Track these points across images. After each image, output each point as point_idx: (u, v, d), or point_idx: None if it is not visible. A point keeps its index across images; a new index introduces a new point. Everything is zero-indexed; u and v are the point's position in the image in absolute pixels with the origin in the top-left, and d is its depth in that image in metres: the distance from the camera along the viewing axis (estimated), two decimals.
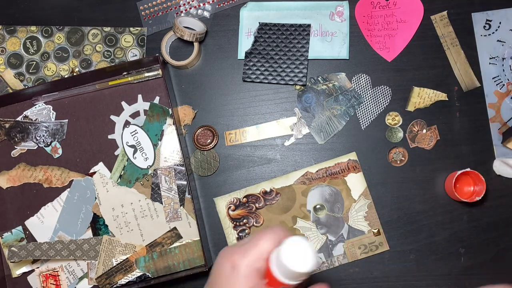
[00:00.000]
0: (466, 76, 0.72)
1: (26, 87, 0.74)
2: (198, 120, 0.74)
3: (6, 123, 0.74)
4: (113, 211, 0.72)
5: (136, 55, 0.75)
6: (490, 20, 0.72)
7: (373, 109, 0.73)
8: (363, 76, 0.73)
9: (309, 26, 0.74)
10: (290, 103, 0.74)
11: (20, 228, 0.72)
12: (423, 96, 0.72)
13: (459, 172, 0.67)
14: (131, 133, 0.73)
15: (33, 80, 0.76)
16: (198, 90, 0.75)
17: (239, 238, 0.71)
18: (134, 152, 0.73)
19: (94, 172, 0.72)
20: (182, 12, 0.76)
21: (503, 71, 0.72)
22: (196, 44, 0.73)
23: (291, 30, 0.74)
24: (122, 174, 0.72)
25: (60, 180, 0.73)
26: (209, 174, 0.73)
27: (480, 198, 0.66)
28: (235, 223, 0.72)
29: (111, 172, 0.72)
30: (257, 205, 0.72)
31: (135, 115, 0.73)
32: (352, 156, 0.72)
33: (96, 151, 0.73)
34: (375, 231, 0.70)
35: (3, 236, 0.72)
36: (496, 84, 0.72)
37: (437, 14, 0.73)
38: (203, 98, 0.74)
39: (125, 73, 0.73)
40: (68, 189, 0.72)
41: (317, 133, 0.73)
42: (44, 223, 0.72)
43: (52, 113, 0.74)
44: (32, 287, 0.72)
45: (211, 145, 0.73)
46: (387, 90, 0.73)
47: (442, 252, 0.70)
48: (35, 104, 0.74)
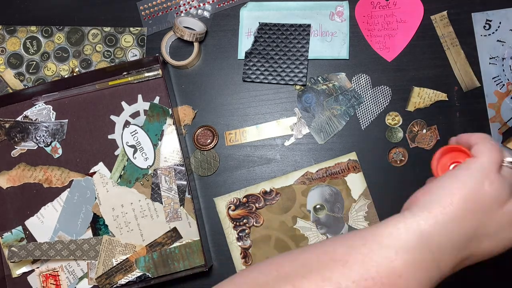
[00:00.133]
0: (466, 76, 0.72)
1: (26, 87, 0.74)
2: (198, 120, 0.74)
3: (6, 123, 0.74)
4: (113, 211, 0.72)
5: (136, 55, 0.75)
6: (490, 20, 0.72)
7: (373, 109, 0.73)
8: (363, 76, 0.73)
9: (309, 26, 0.74)
10: (290, 103, 0.74)
11: (20, 228, 0.72)
12: (423, 96, 0.72)
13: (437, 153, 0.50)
14: (131, 133, 0.73)
15: (33, 80, 0.76)
16: (198, 90, 0.75)
17: (239, 238, 0.71)
18: (134, 152, 0.73)
19: (94, 172, 0.72)
20: (182, 12, 0.76)
21: (503, 71, 0.72)
22: (196, 44, 0.73)
23: (291, 30, 0.73)
24: (122, 174, 0.72)
25: (60, 180, 0.73)
26: (209, 174, 0.73)
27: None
28: (235, 223, 0.72)
29: (111, 172, 0.72)
30: (257, 205, 0.72)
31: (135, 115, 0.73)
32: (352, 156, 0.72)
33: (96, 151, 0.73)
34: None
35: (3, 236, 0.72)
36: (496, 84, 0.72)
37: (437, 14, 0.73)
38: (203, 98, 0.74)
39: (125, 73, 0.73)
40: (68, 189, 0.72)
41: (317, 133, 0.73)
42: (44, 223, 0.72)
43: (52, 113, 0.74)
44: (32, 287, 0.72)
45: (211, 145, 0.73)
46: (387, 90, 0.73)
47: None
48: (35, 104, 0.74)
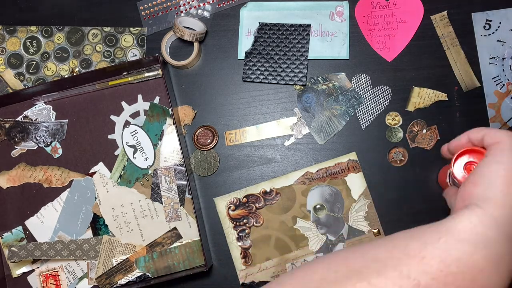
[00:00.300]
0: (466, 76, 0.72)
1: (26, 87, 0.74)
2: (198, 120, 0.74)
3: (6, 123, 0.74)
4: (113, 211, 0.72)
5: (136, 55, 0.75)
6: (490, 20, 0.72)
7: (373, 109, 0.73)
8: (363, 76, 0.73)
9: (309, 26, 0.74)
10: (290, 103, 0.74)
11: (20, 228, 0.72)
12: (423, 96, 0.72)
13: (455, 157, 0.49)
14: (131, 133, 0.73)
15: (33, 80, 0.76)
16: (198, 90, 0.75)
17: (239, 238, 0.71)
18: (134, 152, 0.73)
19: (94, 172, 0.72)
20: (182, 12, 0.76)
21: (503, 71, 0.72)
22: (196, 44, 0.73)
23: (291, 30, 0.73)
24: (122, 174, 0.72)
25: (60, 180, 0.73)
26: (209, 174, 0.73)
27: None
28: (235, 223, 0.72)
29: (111, 172, 0.72)
30: (257, 205, 0.72)
31: (135, 115, 0.73)
32: (352, 156, 0.72)
33: (96, 151, 0.73)
34: (375, 231, 0.70)
35: (3, 236, 0.72)
36: (496, 84, 0.72)
37: (437, 14, 0.73)
38: (203, 98, 0.74)
39: (125, 73, 0.73)
40: (68, 189, 0.72)
41: (317, 133, 0.73)
42: (44, 223, 0.72)
43: (52, 113, 0.74)
44: (32, 287, 0.72)
45: (211, 145, 0.73)
46: (387, 90, 0.73)
47: None
48: (35, 104, 0.74)
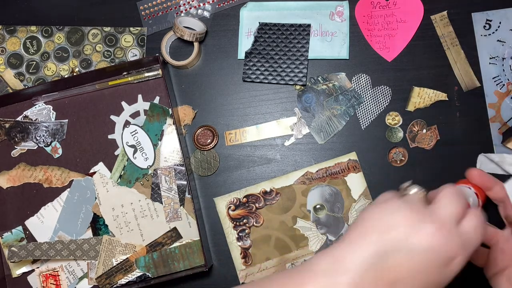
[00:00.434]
0: (466, 76, 0.72)
1: (26, 87, 0.74)
2: (198, 120, 0.74)
3: (6, 123, 0.74)
4: (113, 211, 0.72)
5: (136, 55, 0.75)
6: (490, 20, 0.72)
7: (373, 109, 0.73)
8: (363, 76, 0.73)
9: (309, 26, 0.74)
10: (290, 103, 0.74)
11: (20, 228, 0.72)
12: (423, 96, 0.72)
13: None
14: (131, 133, 0.73)
15: (33, 80, 0.76)
16: (198, 90, 0.75)
17: (239, 238, 0.71)
18: (134, 152, 0.73)
19: (94, 172, 0.72)
20: (182, 12, 0.76)
21: (503, 71, 0.72)
22: (196, 44, 0.73)
23: (291, 30, 0.73)
24: (122, 174, 0.72)
25: (60, 180, 0.73)
26: (209, 174, 0.73)
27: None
28: (235, 223, 0.72)
29: (111, 172, 0.72)
30: (257, 205, 0.72)
31: (135, 115, 0.73)
32: (352, 156, 0.72)
33: (96, 151, 0.73)
34: None
35: (3, 236, 0.72)
36: (496, 84, 0.72)
37: (437, 14, 0.73)
38: (203, 98, 0.74)
39: (125, 73, 0.73)
40: (68, 189, 0.72)
41: (317, 133, 0.73)
42: (44, 223, 0.72)
43: (52, 113, 0.74)
44: (32, 287, 0.72)
45: (211, 145, 0.73)
46: (387, 90, 0.73)
47: None
48: (35, 104, 0.74)
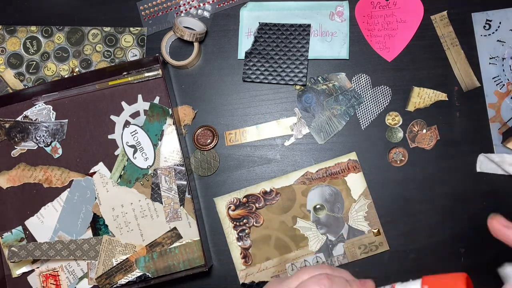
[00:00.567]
0: (466, 76, 0.72)
1: (26, 87, 0.74)
2: (198, 120, 0.74)
3: (6, 123, 0.74)
4: (113, 211, 0.72)
5: (136, 55, 0.75)
6: (490, 20, 0.72)
7: (373, 109, 0.73)
8: (363, 76, 0.73)
9: (309, 26, 0.74)
10: (290, 103, 0.74)
11: (20, 228, 0.72)
12: (423, 96, 0.72)
13: None
14: (131, 133, 0.73)
15: (33, 80, 0.76)
16: (198, 90, 0.75)
17: (239, 238, 0.71)
18: (134, 152, 0.73)
19: (94, 172, 0.72)
20: (182, 12, 0.76)
21: (503, 71, 0.72)
22: (196, 44, 0.73)
23: (291, 30, 0.73)
24: (122, 174, 0.72)
25: (60, 180, 0.73)
26: (209, 174, 0.73)
27: None
28: (235, 223, 0.72)
29: (111, 172, 0.72)
30: (257, 205, 0.72)
31: (135, 115, 0.73)
32: (352, 156, 0.72)
33: (96, 151, 0.73)
34: (375, 231, 0.70)
35: (3, 236, 0.72)
36: (496, 84, 0.72)
37: (437, 14, 0.73)
38: (203, 98, 0.74)
39: (125, 73, 0.73)
40: (68, 189, 0.72)
41: (317, 133, 0.73)
42: (44, 223, 0.72)
43: (52, 113, 0.74)
44: (32, 287, 0.72)
45: (211, 145, 0.73)
46: (387, 90, 0.73)
47: (442, 252, 0.70)
48: (35, 104, 0.74)
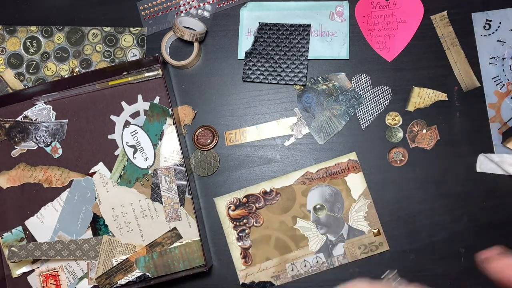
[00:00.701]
0: (466, 76, 0.72)
1: (26, 87, 0.74)
2: (198, 120, 0.74)
3: (6, 123, 0.74)
4: (113, 211, 0.72)
5: (136, 55, 0.75)
6: (490, 20, 0.72)
7: (373, 109, 0.73)
8: (363, 76, 0.73)
9: (309, 26, 0.74)
10: (290, 103, 0.74)
11: (20, 228, 0.72)
12: (423, 96, 0.72)
13: None
14: (131, 133, 0.73)
15: (33, 80, 0.76)
16: (198, 90, 0.75)
17: (239, 238, 0.71)
18: (134, 152, 0.73)
19: (94, 172, 0.72)
20: (182, 12, 0.76)
21: (503, 71, 0.72)
22: (196, 44, 0.73)
23: (291, 30, 0.73)
24: (122, 174, 0.72)
25: (60, 180, 0.73)
26: (209, 174, 0.73)
27: None
28: (235, 223, 0.72)
29: (111, 172, 0.72)
30: (257, 205, 0.72)
31: (135, 115, 0.73)
32: (352, 156, 0.72)
33: (96, 151, 0.73)
34: (375, 231, 0.70)
35: (3, 236, 0.72)
36: (496, 84, 0.72)
37: (437, 14, 0.73)
38: (203, 98, 0.74)
39: (125, 73, 0.73)
40: (68, 189, 0.72)
41: (317, 133, 0.73)
42: (44, 223, 0.72)
43: (52, 113, 0.74)
44: (32, 287, 0.72)
45: (211, 145, 0.73)
46: (387, 90, 0.73)
47: (442, 252, 0.70)
48: (35, 104, 0.74)
